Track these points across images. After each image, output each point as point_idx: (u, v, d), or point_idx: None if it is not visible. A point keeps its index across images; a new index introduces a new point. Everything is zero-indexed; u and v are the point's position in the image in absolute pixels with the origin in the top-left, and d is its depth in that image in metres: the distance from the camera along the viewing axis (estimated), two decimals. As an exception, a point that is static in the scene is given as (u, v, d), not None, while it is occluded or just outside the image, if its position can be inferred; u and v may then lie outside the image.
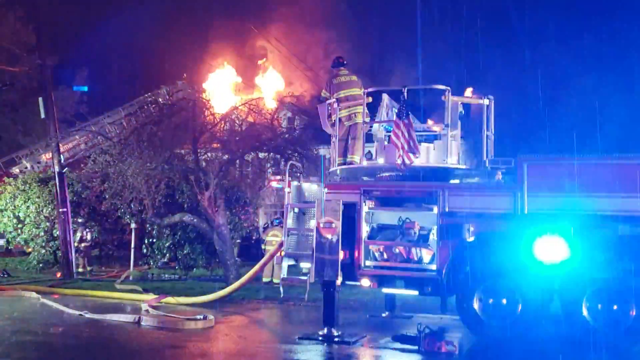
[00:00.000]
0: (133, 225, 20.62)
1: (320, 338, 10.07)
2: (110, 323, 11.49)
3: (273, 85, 25.75)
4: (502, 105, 12.25)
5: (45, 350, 9.48)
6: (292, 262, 11.27)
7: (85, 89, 34.45)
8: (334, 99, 11.55)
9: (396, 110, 11.70)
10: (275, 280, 17.58)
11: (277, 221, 20.07)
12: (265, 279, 17.39)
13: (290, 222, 11.16)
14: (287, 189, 11.27)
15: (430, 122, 11.85)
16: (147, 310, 12.48)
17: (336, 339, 10.00)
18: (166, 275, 20.00)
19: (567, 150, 10.80)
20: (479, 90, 12.11)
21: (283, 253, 11.15)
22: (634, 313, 9.33)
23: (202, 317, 11.20)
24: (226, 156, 17.05)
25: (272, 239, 18.17)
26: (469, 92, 11.88)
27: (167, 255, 21.13)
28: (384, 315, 12.42)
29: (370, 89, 11.23)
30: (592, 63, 26.83)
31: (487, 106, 11.11)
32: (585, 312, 9.53)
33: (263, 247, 18.96)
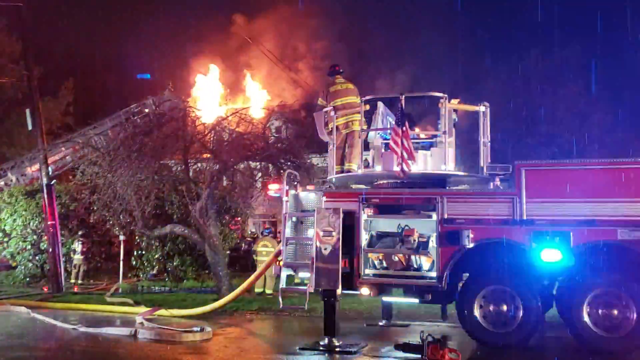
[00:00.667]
0: (122, 237, 20.40)
1: (321, 348, 9.98)
2: (106, 336, 11.30)
3: (261, 94, 25.75)
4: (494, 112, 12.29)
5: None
6: (290, 272, 11.18)
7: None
8: (331, 107, 11.52)
9: (391, 119, 11.76)
10: (267, 291, 17.47)
11: (267, 231, 20.02)
12: (257, 290, 17.26)
13: (288, 231, 11.06)
14: (284, 198, 11.19)
15: (417, 129, 11.84)
16: (141, 323, 12.29)
17: (337, 349, 9.92)
18: (156, 288, 19.79)
19: (560, 155, 10.87)
20: (472, 98, 12.17)
21: (281, 263, 11.04)
22: (634, 317, 9.33)
23: (199, 329, 11.06)
24: (217, 166, 16.93)
25: (263, 249, 18.10)
26: (455, 102, 11.89)
27: (157, 267, 20.93)
28: (380, 324, 12.37)
29: (367, 97, 11.21)
30: (579, 69, 27.18)
31: (483, 113, 11.13)
32: (586, 317, 9.52)
33: (254, 257, 18.86)
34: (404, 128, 10.22)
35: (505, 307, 9.90)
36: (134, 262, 20.96)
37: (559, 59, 27.35)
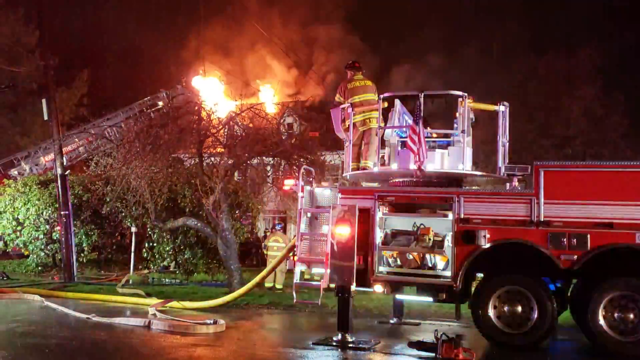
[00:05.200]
0: (133, 229, 20.49)
1: (334, 344, 10.00)
2: (119, 327, 11.37)
3: (274, 90, 25.81)
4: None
5: (59, 353, 9.34)
6: (304, 267, 11.19)
7: None
8: (348, 104, 11.50)
9: (407, 117, 11.74)
10: (277, 286, 17.53)
11: (279, 226, 20.05)
12: (267, 284, 17.31)
13: (303, 227, 11.07)
14: (300, 194, 11.19)
15: (429, 128, 11.81)
16: (154, 314, 12.35)
17: (351, 345, 9.93)
18: (167, 280, 19.90)
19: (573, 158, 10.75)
20: (487, 98, 12.12)
21: (295, 258, 11.05)
22: (651, 321, 9.28)
23: (212, 321, 11.09)
24: (231, 161, 16.97)
25: (274, 244, 18.15)
26: (470, 100, 11.86)
27: (168, 259, 21.01)
28: (392, 321, 12.35)
29: (386, 94, 11.17)
30: (595, 71, 27.03)
31: (503, 113, 11.08)
32: (601, 321, 9.47)
33: (265, 252, 18.91)
34: (422, 126, 10.20)
35: (519, 308, 9.85)
36: (145, 254, 21.04)
37: (575, 60, 27.21)
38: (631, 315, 9.34)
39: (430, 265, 10.63)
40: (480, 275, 10.63)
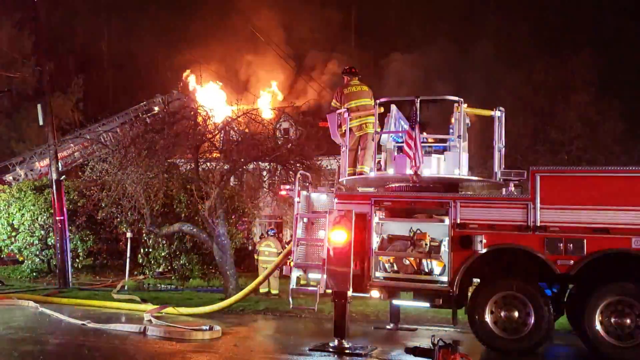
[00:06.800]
0: (129, 235, 20.41)
1: (331, 350, 9.97)
2: (115, 333, 11.31)
3: (271, 94, 25.83)
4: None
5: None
6: (300, 273, 11.16)
7: None
8: (345, 109, 11.50)
9: (403, 122, 11.74)
10: (273, 291, 17.49)
11: (272, 231, 20.03)
12: (262, 290, 17.26)
13: (299, 232, 11.03)
14: (296, 199, 11.15)
15: (424, 133, 11.80)
16: (149, 320, 12.30)
17: (347, 351, 9.90)
18: (162, 286, 19.84)
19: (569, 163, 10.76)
20: (484, 103, 12.12)
21: (292, 263, 11.02)
22: (647, 326, 9.28)
23: (208, 327, 11.05)
24: (227, 166, 16.93)
25: (266, 249, 18.13)
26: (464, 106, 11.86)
27: (163, 265, 20.93)
28: (388, 327, 12.31)
29: (382, 99, 11.18)
30: (591, 77, 27.13)
31: (498, 118, 11.09)
32: (598, 326, 9.46)
33: (256, 257, 18.89)
34: (417, 131, 10.20)
35: (516, 314, 9.85)
36: (140, 260, 20.97)
37: (570, 66, 27.29)
38: (628, 321, 9.34)
39: (426, 270, 10.62)
40: (476, 280, 10.61)
